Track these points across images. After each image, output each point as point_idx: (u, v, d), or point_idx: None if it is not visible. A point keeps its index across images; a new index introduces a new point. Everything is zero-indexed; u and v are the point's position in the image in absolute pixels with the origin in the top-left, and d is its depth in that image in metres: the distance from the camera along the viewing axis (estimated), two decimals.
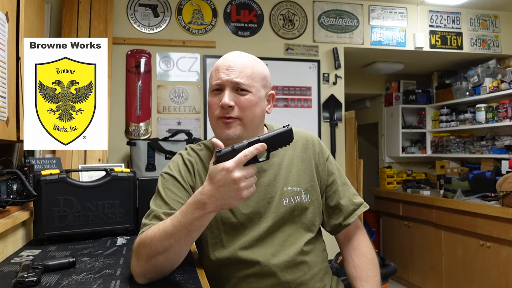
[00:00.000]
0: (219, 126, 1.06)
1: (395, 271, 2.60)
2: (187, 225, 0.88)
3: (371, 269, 1.15)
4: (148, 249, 0.92)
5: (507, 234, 2.69)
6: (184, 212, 0.89)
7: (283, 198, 1.09)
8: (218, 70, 1.07)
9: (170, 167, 1.12)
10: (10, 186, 1.31)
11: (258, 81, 1.08)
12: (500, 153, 3.42)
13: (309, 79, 3.21)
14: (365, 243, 1.20)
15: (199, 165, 1.12)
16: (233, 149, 0.84)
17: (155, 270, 0.94)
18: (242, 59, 1.09)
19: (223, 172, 0.82)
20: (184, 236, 0.89)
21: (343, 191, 1.18)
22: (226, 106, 1.03)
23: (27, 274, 0.92)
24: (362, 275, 1.14)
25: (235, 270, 1.06)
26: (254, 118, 1.07)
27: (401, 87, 4.50)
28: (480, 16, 3.64)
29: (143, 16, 2.93)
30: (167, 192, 1.06)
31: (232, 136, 1.04)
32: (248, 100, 1.05)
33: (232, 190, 0.83)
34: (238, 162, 0.82)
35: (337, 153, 3.23)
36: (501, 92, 3.39)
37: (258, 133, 1.10)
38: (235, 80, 1.04)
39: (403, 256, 3.95)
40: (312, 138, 1.20)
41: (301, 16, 3.22)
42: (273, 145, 0.89)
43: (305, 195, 1.11)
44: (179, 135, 2.71)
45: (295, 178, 1.12)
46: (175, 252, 0.92)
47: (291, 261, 1.06)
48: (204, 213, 0.86)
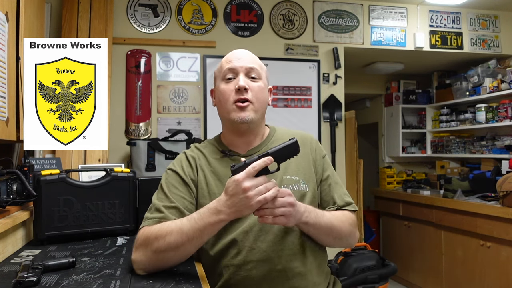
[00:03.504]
0: (234, 110, 1.13)
1: (395, 271, 2.60)
2: (202, 227, 0.97)
3: (335, 217, 1.14)
4: (161, 242, 0.98)
5: (507, 234, 2.69)
6: (201, 215, 0.97)
7: (282, 185, 1.13)
8: (229, 60, 1.17)
9: (174, 164, 1.19)
10: (10, 186, 1.31)
11: (263, 72, 1.19)
12: (500, 153, 3.41)
13: (309, 79, 3.21)
14: (347, 220, 1.17)
15: (202, 160, 1.19)
16: (245, 163, 0.95)
17: (159, 264, 1.00)
18: (249, 53, 1.21)
19: (234, 183, 0.93)
20: (197, 237, 0.98)
21: (336, 188, 1.22)
22: (242, 88, 1.11)
23: (27, 274, 0.92)
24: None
25: (233, 256, 1.08)
26: (263, 104, 1.17)
27: (401, 87, 4.50)
28: (480, 16, 3.64)
29: (143, 16, 2.93)
30: (169, 186, 1.12)
31: (247, 119, 1.12)
32: (259, 86, 1.15)
33: (242, 198, 0.92)
34: (248, 173, 0.92)
35: (337, 153, 3.23)
36: (501, 92, 3.39)
37: (262, 122, 1.22)
38: (249, 65, 1.15)
39: (403, 256, 3.95)
40: (311, 137, 1.28)
41: (301, 16, 3.22)
42: (281, 157, 0.99)
43: (304, 184, 1.16)
44: (179, 135, 2.71)
45: (294, 168, 1.18)
46: (185, 251, 1.00)
47: (289, 248, 1.09)
48: (218, 220, 0.96)
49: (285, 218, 0.97)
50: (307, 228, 1.08)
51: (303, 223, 1.04)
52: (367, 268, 2.46)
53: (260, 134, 1.22)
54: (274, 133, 1.25)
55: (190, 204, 1.11)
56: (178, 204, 1.08)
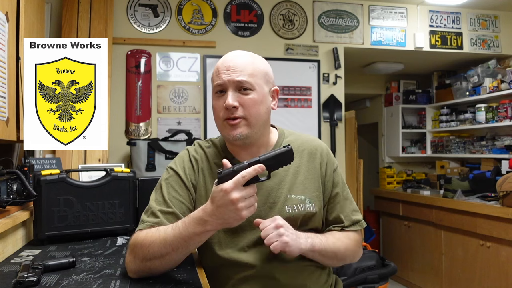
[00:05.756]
0: (226, 128, 1.06)
1: (395, 271, 2.60)
2: (186, 238, 0.92)
3: (337, 241, 1.10)
4: (145, 251, 0.95)
5: (507, 234, 2.69)
6: (186, 225, 0.92)
7: (286, 205, 1.08)
8: (218, 71, 1.06)
9: (176, 162, 1.13)
10: (10, 186, 1.31)
11: (260, 78, 1.07)
12: (500, 153, 3.41)
13: (309, 79, 3.21)
14: (353, 241, 1.14)
15: (204, 163, 1.12)
16: (233, 170, 0.88)
17: (149, 271, 0.97)
18: (242, 58, 1.08)
19: (221, 193, 0.86)
20: (182, 247, 0.93)
21: (344, 206, 1.16)
22: (230, 107, 1.02)
23: (27, 274, 0.92)
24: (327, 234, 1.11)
25: (234, 272, 1.06)
26: (259, 116, 1.06)
27: (401, 87, 4.50)
28: (480, 16, 3.64)
29: (143, 16, 2.93)
30: (168, 188, 1.07)
31: (239, 137, 1.04)
32: (251, 99, 1.04)
33: (231, 210, 0.87)
34: (236, 183, 0.86)
35: (337, 153, 3.23)
36: (501, 92, 3.39)
37: (266, 132, 1.12)
38: (237, 79, 1.03)
39: (403, 256, 3.95)
40: (321, 147, 1.18)
41: (301, 16, 3.22)
42: (273, 165, 0.92)
43: (310, 204, 1.10)
44: (179, 135, 2.71)
45: (300, 186, 1.10)
46: (171, 259, 0.96)
47: (289, 264, 1.05)
48: (203, 230, 0.91)
49: (280, 243, 0.94)
50: (313, 255, 1.04)
51: (309, 249, 1.01)
52: (367, 268, 2.46)
53: (265, 144, 1.13)
54: (282, 141, 1.16)
55: (188, 210, 1.05)
56: (176, 209, 1.03)
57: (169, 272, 1.02)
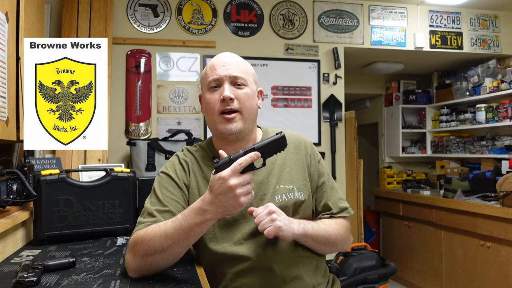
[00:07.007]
0: (221, 122, 1.10)
1: (395, 271, 2.60)
2: (187, 229, 0.93)
3: (328, 226, 1.14)
4: (146, 246, 0.96)
5: (507, 234, 2.69)
6: (186, 217, 0.94)
7: (276, 196, 1.11)
8: (214, 67, 1.12)
9: (167, 167, 1.16)
10: (10, 186, 1.31)
11: (251, 76, 1.15)
12: (500, 153, 3.41)
13: (309, 79, 3.20)
14: (342, 227, 1.18)
15: (194, 164, 1.16)
16: (230, 159, 0.91)
17: (150, 267, 0.98)
18: (235, 57, 1.16)
19: (220, 180, 0.89)
20: (182, 239, 0.94)
21: (331, 194, 1.21)
22: (227, 98, 1.07)
23: (27, 274, 0.92)
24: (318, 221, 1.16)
25: (230, 265, 1.07)
26: (252, 110, 1.13)
27: (401, 87, 4.50)
28: (480, 16, 3.64)
29: (143, 16, 2.93)
30: (162, 190, 1.10)
31: (234, 130, 1.09)
32: (246, 93, 1.11)
33: (230, 197, 0.89)
34: (234, 170, 0.89)
35: (337, 153, 3.23)
36: (501, 92, 3.39)
37: (254, 128, 1.19)
38: (233, 74, 1.10)
39: (403, 256, 3.95)
40: (305, 141, 1.24)
41: (301, 16, 3.22)
42: (268, 152, 0.96)
43: (299, 192, 1.14)
44: (179, 135, 2.71)
45: (287, 176, 1.15)
46: (172, 253, 0.96)
47: (285, 255, 1.08)
48: (204, 220, 0.92)
49: (274, 228, 0.97)
50: (305, 240, 1.08)
51: (301, 234, 1.04)
52: (367, 268, 2.46)
53: (252, 140, 1.18)
54: (267, 137, 1.16)
55: (182, 209, 1.05)
56: (171, 207, 1.05)
57: (169, 272, 1.03)
